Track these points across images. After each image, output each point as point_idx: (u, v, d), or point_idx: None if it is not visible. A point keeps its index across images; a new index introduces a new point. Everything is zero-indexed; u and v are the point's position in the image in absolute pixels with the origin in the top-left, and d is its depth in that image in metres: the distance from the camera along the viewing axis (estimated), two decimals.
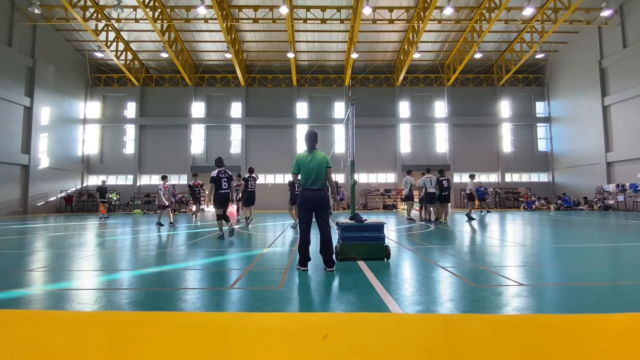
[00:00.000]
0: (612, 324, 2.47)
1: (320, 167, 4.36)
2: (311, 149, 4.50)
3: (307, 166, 4.36)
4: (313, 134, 4.55)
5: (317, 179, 4.33)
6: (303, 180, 4.40)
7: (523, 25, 23.50)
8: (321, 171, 4.35)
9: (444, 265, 4.61)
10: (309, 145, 4.51)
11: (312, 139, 4.52)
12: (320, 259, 4.43)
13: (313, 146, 4.51)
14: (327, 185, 4.49)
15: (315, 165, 4.34)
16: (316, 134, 4.59)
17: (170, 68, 28.00)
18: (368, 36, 24.32)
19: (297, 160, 4.46)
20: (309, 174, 4.34)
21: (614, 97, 22.46)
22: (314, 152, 4.46)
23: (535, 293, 3.25)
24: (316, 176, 4.33)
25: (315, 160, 4.38)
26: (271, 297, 3.20)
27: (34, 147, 21.99)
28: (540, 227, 10.38)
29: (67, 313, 2.81)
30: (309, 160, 4.37)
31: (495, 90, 28.96)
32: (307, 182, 4.34)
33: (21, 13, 21.03)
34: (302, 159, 4.43)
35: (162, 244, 7.19)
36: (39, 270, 4.60)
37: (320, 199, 4.33)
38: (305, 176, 4.36)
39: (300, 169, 4.41)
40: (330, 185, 4.53)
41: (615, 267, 4.65)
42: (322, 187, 4.37)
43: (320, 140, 4.66)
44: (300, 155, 4.50)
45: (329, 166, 4.45)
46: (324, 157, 4.45)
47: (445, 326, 2.47)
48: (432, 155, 28.66)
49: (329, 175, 4.44)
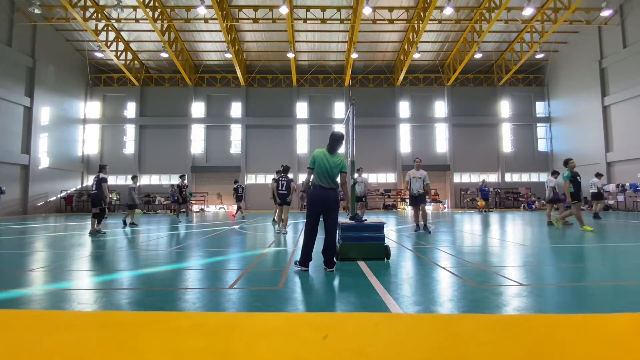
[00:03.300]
0: (612, 324, 2.46)
1: (336, 170, 4.24)
2: (332, 150, 4.32)
3: (324, 165, 4.22)
4: (339, 136, 4.36)
5: (328, 178, 4.22)
6: (316, 178, 4.28)
7: (523, 25, 23.50)
8: (335, 174, 4.24)
9: (444, 265, 4.61)
10: (333, 146, 4.33)
11: (336, 141, 4.33)
12: (321, 259, 4.41)
13: (335, 149, 4.33)
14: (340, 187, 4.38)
15: (332, 167, 4.22)
16: (342, 137, 4.38)
17: (170, 68, 28.01)
18: (368, 36, 24.33)
19: (314, 155, 4.31)
20: (323, 173, 4.21)
21: (614, 97, 22.47)
22: (335, 154, 4.33)
23: (535, 293, 3.25)
24: (330, 177, 4.22)
25: (333, 162, 4.25)
26: (271, 297, 3.20)
27: (34, 147, 21.99)
28: (540, 227, 10.38)
29: (67, 313, 2.81)
30: (327, 160, 4.24)
31: (495, 90, 28.97)
32: (320, 180, 4.23)
33: (21, 13, 21.03)
34: (321, 156, 4.28)
35: (162, 244, 7.19)
36: (39, 270, 4.60)
37: (330, 199, 4.21)
38: (319, 174, 4.24)
39: (316, 166, 4.26)
40: (345, 191, 4.44)
41: (615, 267, 4.64)
42: (333, 187, 4.25)
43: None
44: (320, 151, 4.33)
45: (344, 171, 4.31)
46: (342, 161, 4.31)
47: (445, 326, 2.47)
48: (432, 155, 28.68)
49: (343, 180, 4.31)
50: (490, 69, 29.22)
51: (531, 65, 28.24)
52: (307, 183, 4.40)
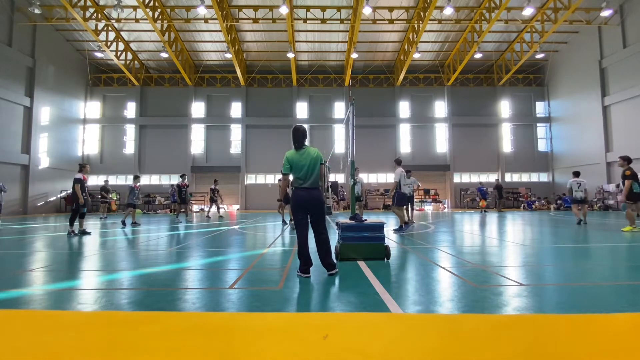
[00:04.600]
0: (612, 324, 2.46)
1: (315, 164, 4.04)
2: (301, 145, 4.14)
3: (301, 164, 4.01)
4: (302, 129, 4.19)
5: (311, 178, 4.02)
6: (296, 180, 4.07)
7: (523, 25, 23.50)
8: (315, 169, 4.04)
9: (444, 265, 4.61)
10: (298, 142, 4.13)
11: (301, 134, 4.14)
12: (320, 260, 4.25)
13: (302, 143, 4.15)
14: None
15: (309, 163, 4.02)
16: (305, 129, 4.24)
17: (170, 68, 28.00)
18: (368, 36, 24.33)
19: (287, 158, 4.07)
20: (302, 172, 4.00)
21: (614, 97, 22.46)
22: (305, 149, 4.12)
23: (535, 293, 3.25)
24: (310, 175, 4.01)
25: (308, 156, 4.04)
26: (271, 297, 3.20)
27: (34, 147, 21.99)
28: (540, 227, 10.38)
29: (67, 313, 2.81)
30: (302, 158, 4.04)
31: (495, 90, 28.96)
32: (301, 181, 4.02)
33: (21, 13, 21.02)
34: (294, 157, 4.06)
35: (162, 244, 7.19)
36: (39, 270, 4.60)
37: (315, 199, 4.01)
38: (298, 175, 4.02)
39: (293, 168, 4.04)
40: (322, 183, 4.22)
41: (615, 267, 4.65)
42: (316, 187, 4.05)
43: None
44: (290, 153, 4.11)
45: (323, 162, 4.15)
46: (317, 154, 4.12)
47: (445, 326, 2.47)
48: (432, 155, 28.69)
49: (322, 172, 4.12)
50: (490, 69, 29.21)
51: (531, 65, 28.24)
52: (284, 191, 4.18)
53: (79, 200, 8.78)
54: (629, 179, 8.43)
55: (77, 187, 8.75)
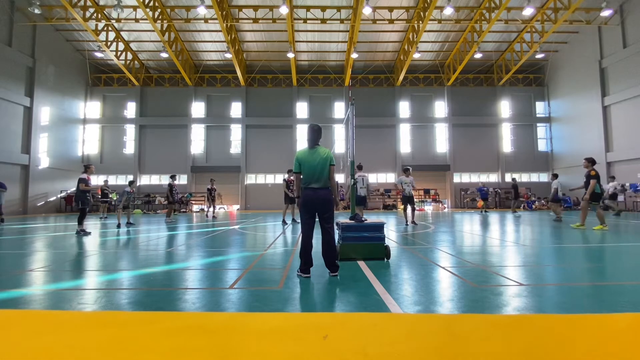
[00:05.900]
0: (611, 324, 2.46)
1: (324, 165, 4.00)
2: (314, 144, 4.12)
3: (310, 164, 3.99)
4: (317, 128, 4.18)
5: (320, 178, 3.99)
6: (305, 179, 4.05)
7: (523, 25, 23.50)
8: (325, 169, 4.00)
9: (444, 265, 4.61)
10: (312, 140, 4.13)
11: (316, 134, 4.14)
12: (321, 260, 4.22)
13: (316, 142, 4.13)
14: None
15: (319, 163, 3.99)
16: (320, 129, 4.22)
17: (170, 68, 28.01)
18: (368, 36, 24.33)
19: (298, 157, 4.07)
20: (312, 172, 3.98)
21: (614, 97, 22.46)
22: (316, 148, 4.09)
23: (535, 293, 3.25)
24: (320, 174, 3.99)
25: (319, 156, 4.01)
26: (271, 297, 3.20)
27: (34, 147, 21.99)
28: (540, 227, 10.38)
29: (67, 313, 2.81)
30: (312, 157, 4.02)
31: (495, 90, 28.97)
32: (310, 181, 4.00)
33: (21, 13, 21.02)
34: (304, 155, 4.05)
35: (162, 244, 7.19)
36: (39, 270, 4.60)
37: (324, 199, 4.00)
38: (308, 174, 4.01)
39: (302, 167, 4.03)
40: (332, 184, 4.18)
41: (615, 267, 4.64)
42: (325, 187, 4.03)
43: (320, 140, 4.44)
44: (302, 151, 4.11)
45: (333, 164, 4.08)
46: (328, 154, 4.08)
47: (445, 326, 2.47)
48: (432, 155, 28.69)
49: (331, 173, 4.07)
50: (490, 69, 29.22)
51: (531, 65, 28.24)
52: (299, 187, 4.14)
53: (83, 199, 9.10)
54: (594, 179, 9.06)
55: (82, 186, 9.12)
